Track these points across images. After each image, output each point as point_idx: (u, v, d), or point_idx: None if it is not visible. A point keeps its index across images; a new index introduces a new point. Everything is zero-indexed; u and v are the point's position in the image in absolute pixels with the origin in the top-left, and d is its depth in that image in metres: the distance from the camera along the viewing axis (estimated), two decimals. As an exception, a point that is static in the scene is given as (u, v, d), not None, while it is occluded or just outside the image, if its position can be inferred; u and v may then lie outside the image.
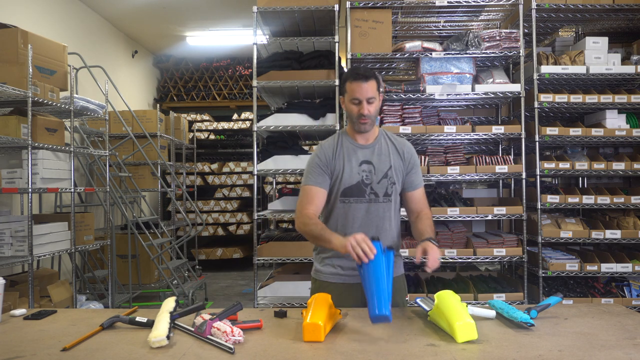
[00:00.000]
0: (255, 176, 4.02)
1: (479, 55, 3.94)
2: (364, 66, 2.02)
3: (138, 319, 1.69)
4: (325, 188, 2.01)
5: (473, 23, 4.53)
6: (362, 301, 1.97)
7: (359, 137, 2.07)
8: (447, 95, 3.88)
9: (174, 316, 1.67)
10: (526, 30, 4.08)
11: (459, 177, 3.89)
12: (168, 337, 1.50)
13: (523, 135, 3.88)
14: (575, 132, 3.91)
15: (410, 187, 2.07)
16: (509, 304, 1.77)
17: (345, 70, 4.17)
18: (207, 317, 1.63)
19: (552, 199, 3.89)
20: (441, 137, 3.94)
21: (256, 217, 4.00)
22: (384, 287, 1.59)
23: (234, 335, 1.50)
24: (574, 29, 4.64)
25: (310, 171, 2.03)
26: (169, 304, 1.75)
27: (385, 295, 1.58)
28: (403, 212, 2.17)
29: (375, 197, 2.00)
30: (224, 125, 8.23)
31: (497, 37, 3.91)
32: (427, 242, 1.85)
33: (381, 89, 2.05)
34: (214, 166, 7.94)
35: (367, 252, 1.62)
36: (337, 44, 3.98)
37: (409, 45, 3.92)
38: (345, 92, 2.02)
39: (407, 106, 4.00)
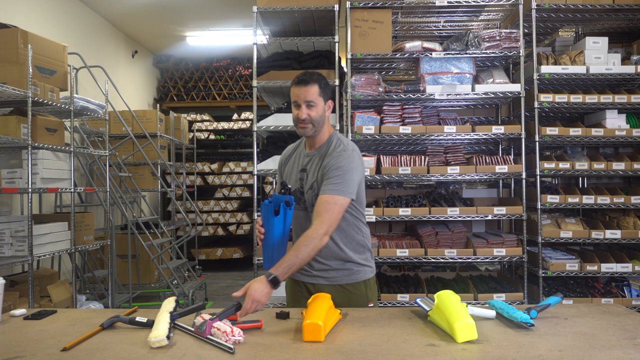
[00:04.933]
0: (255, 176, 4.02)
1: (479, 55, 3.94)
2: (311, 71, 2.02)
3: (138, 319, 1.69)
4: None
5: (473, 23, 4.53)
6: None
7: (308, 144, 2.08)
8: (447, 95, 3.88)
9: (174, 316, 1.67)
10: (526, 30, 4.08)
11: (459, 177, 3.89)
12: (168, 338, 1.49)
13: (523, 135, 3.88)
14: (575, 132, 3.91)
15: (319, 194, 1.94)
16: (509, 304, 1.77)
17: (345, 70, 4.17)
18: (207, 317, 1.63)
19: (552, 199, 3.89)
20: (441, 137, 3.94)
21: (256, 217, 4.00)
22: (268, 245, 1.88)
23: (234, 335, 1.50)
24: (574, 29, 4.64)
25: (278, 172, 2.22)
26: (169, 304, 1.75)
27: (269, 251, 1.87)
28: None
29: (305, 208, 2.00)
30: (224, 125, 8.23)
31: (497, 37, 3.91)
32: (259, 278, 1.71)
33: (328, 96, 2.00)
34: (214, 166, 7.94)
35: (259, 235, 1.90)
36: (337, 44, 3.98)
37: (409, 45, 3.91)
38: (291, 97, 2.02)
39: (407, 106, 4.00)
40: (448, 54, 3.90)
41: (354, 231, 2.01)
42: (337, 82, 3.90)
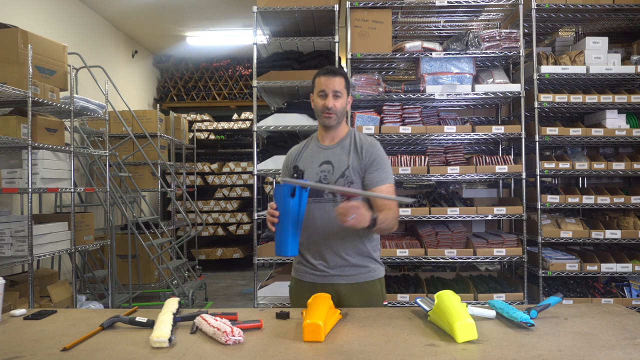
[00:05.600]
0: (255, 176, 4.02)
1: (479, 55, 3.94)
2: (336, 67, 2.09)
3: (138, 319, 1.69)
4: None
5: (473, 23, 4.53)
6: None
7: (325, 138, 2.10)
8: (447, 95, 3.88)
9: (176, 318, 1.67)
10: (526, 30, 4.08)
11: (459, 177, 3.89)
12: (170, 340, 1.49)
13: (523, 135, 3.88)
14: (575, 132, 3.91)
15: (371, 184, 2.00)
16: (509, 304, 1.77)
17: (346, 70, 4.17)
18: (207, 317, 1.63)
19: (552, 199, 3.89)
20: (441, 137, 3.94)
21: (256, 217, 4.00)
22: (283, 229, 1.80)
23: (234, 335, 1.50)
24: (574, 29, 4.64)
25: (282, 173, 2.19)
26: (172, 304, 1.75)
27: (285, 236, 1.79)
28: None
29: (334, 197, 2.00)
30: (224, 125, 8.23)
31: (497, 37, 3.90)
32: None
33: (349, 92, 2.08)
34: (214, 166, 7.94)
35: (271, 219, 1.81)
36: (337, 44, 3.98)
37: (409, 45, 3.91)
38: (314, 87, 2.07)
39: (407, 106, 4.00)
40: (448, 54, 3.90)
41: None
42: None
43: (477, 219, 3.88)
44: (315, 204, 2.00)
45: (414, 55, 3.93)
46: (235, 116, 8.32)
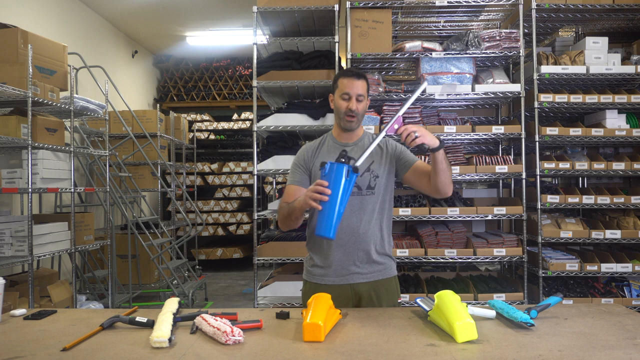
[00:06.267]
0: (255, 176, 4.01)
1: (479, 55, 3.94)
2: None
3: (138, 319, 1.69)
4: (304, 186, 2.04)
5: (473, 23, 4.53)
6: (352, 302, 2.01)
7: (343, 137, 2.10)
8: (447, 95, 3.88)
9: (176, 318, 1.67)
10: (526, 30, 4.08)
11: (459, 177, 3.89)
12: (170, 340, 1.49)
13: (523, 135, 3.88)
14: (575, 132, 3.91)
15: (408, 164, 2.05)
16: (509, 304, 1.77)
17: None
18: (207, 317, 1.63)
19: (552, 199, 3.89)
20: (441, 137, 3.93)
21: (256, 217, 4.00)
22: (334, 210, 1.71)
23: (234, 335, 1.50)
24: (574, 29, 4.64)
25: (292, 171, 2.11)
26: (172, 304, 1.75)
27: (333, 218, 1.70)
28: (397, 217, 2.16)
29: (358, 190, 2.00)
30: (224, 125, 8.23)
31: (497, 37, 3.90)
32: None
33: (369, 94, 2.09)
34: (214, 166, 7.94)
35: (319, 197, 1.69)
36: (337, 44, 3.98)
37: (409, 45, 3.91)
38: (336, 87, 2.06)
39: (407, 106, 3.99)
40: (448, 54, 3.90)
41: (390, 222, 2.10)
42: (337, 82, 3.90)
43: (477, 219, 3.88)
44: None
45: (414, 55, 3.93)
46: (235, 116, 8.32)
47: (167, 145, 6.76)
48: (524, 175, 3.87)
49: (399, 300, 2.09)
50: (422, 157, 3.17)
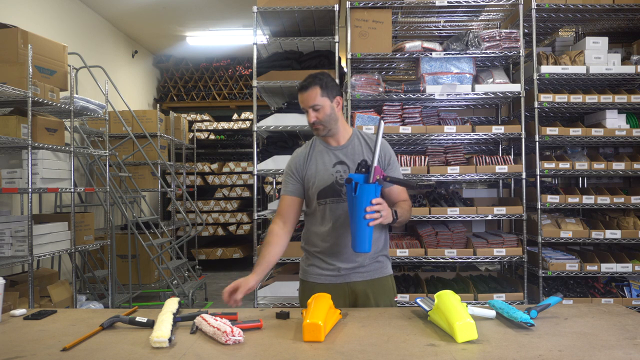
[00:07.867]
0: (255, 176, 4.01)
1: (479, 55, 3.94)
2: (312, 74, 2.05)
3: (138, 319, 1.69)
4: (298, 195, 2.07)
5: (473, 23, 4.53)
6: (349, 300, 2.02)
7: (330, 140, 2.10)
8: (447, 95, 3.88)
9: (176, 318, 1.67)
10: (526, 30, 4.08)
11: (459, 177, 3.89)
12: (170, 340, 1.50)
13: (523, 135, 3.88)
14: (575, 132, 3.91)
15: (386, 184, 2.02)
16: (509, 304, 1.77)
17: (345, 70, 4.18)
18: (207, 317, 1.63)
19: (552, 199, 3.89)
20: (441, 137, 3.94)
21: (256, 217, 4.00)
22: (356, 225, 1.77)
23: (234, 335, 1.50)
24: (574, 29, 4.64)
25: (285, 181, 2.11)
26: (172, 304, 1.75)
27: (361, 232, 1.77)
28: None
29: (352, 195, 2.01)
30: (224, 125, 8.23)
31: (497, 37, 3.90)
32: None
33: (333, 94, 2.02)
34: (214, 166, 7.94)
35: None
36: (337, 44, 3.98)
37: (409, 45, 3.91)
38: None
39: (407, 106, 4.00)
40: (448, 54, 3.90)
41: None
42: (337, 82, 3.90)
43: (477, 219, 3.88)
44: (333, 204, 2.01)
45: (414, 55, 3.93)
46: (235, 116, 8.32)
47: (167, 145, 6.76)
48: (524, 175, 3.87)
49: (395, 299, 2.10)
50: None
